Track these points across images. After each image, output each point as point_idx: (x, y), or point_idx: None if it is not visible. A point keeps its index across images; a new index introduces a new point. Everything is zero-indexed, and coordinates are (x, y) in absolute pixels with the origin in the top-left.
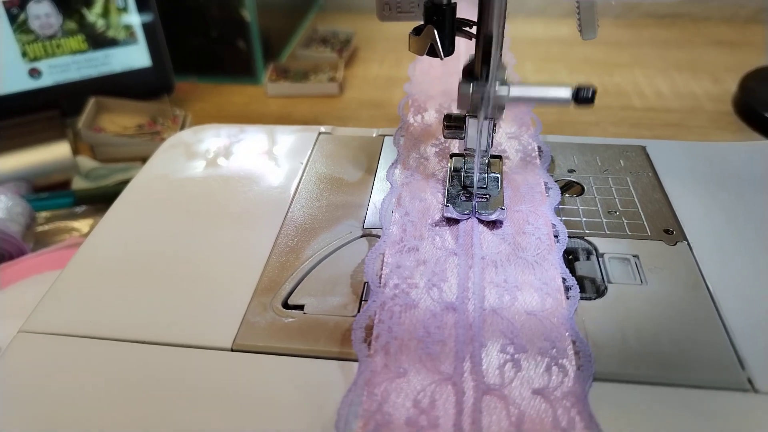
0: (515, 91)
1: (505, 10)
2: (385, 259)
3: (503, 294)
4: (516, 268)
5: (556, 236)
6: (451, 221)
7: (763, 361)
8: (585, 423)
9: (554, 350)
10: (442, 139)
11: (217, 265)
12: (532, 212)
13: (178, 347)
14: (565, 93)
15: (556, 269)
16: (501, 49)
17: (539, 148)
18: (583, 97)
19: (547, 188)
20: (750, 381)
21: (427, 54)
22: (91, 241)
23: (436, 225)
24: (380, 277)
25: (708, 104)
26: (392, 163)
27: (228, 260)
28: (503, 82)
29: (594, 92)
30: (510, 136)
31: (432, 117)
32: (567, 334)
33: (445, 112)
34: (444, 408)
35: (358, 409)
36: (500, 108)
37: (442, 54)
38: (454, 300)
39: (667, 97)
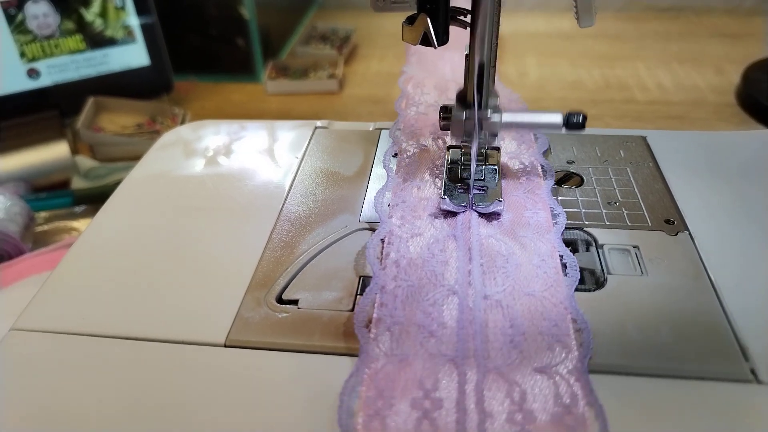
0: (507, 118)
1: (497, 37)
2: (391, 196)
3: (497, 224)
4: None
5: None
6: (449, 214)
7: (766, 351)
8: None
9: (542, 260)
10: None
11: (210, 261)
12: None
13: (171, 343)
14: (556, 119)
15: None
16: (493, 77)
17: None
18: (573, 122)
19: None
20: (753, 372)
21: (421, 43)
22: (84, 238)
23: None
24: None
25: (711, 96)
26: (394, 124)
27: (222, 256)
28: (495, 110)
29: (585, 118)
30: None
31: (431, 90)
32: (555, 248)
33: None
34: (448, 312)
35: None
36: (493, 134)
37: (435, 43)
38: (454, 231)
39: (670, 89)
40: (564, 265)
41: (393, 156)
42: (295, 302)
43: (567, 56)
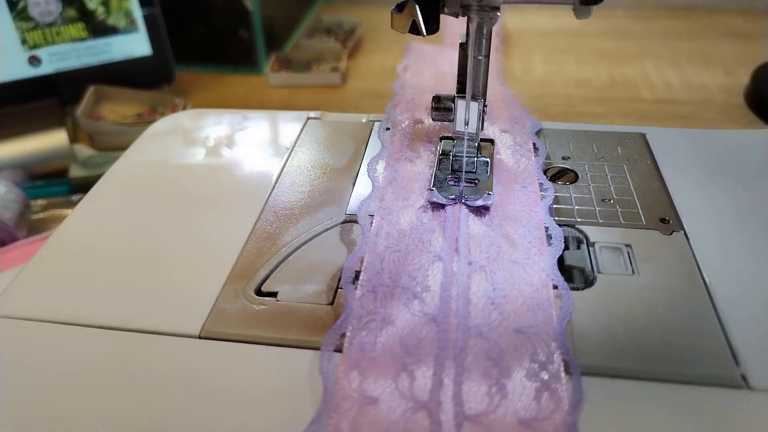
0: None
1: None
2: (384, 166)
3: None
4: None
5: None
6: (437, 206)
7: (758, 357)
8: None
9: (527, 231)
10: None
11: (190, 251)
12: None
13: (145, 333)
14: None
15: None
16: None
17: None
18: None
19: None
20: (744, 378)
21: (410, 32)
22: (64, 226)
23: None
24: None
25: (719, 96)
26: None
27: (203, 246)
28: None
29: None
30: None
31: (429, 79)
32: (542, 221)
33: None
34: (432, 276)
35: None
36: (494, 8)
37: (424, 31)
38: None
39: (678, 89)
40: (549, 236)
41: (386, 129)
42: (274, 294)
43: (574, 53)
